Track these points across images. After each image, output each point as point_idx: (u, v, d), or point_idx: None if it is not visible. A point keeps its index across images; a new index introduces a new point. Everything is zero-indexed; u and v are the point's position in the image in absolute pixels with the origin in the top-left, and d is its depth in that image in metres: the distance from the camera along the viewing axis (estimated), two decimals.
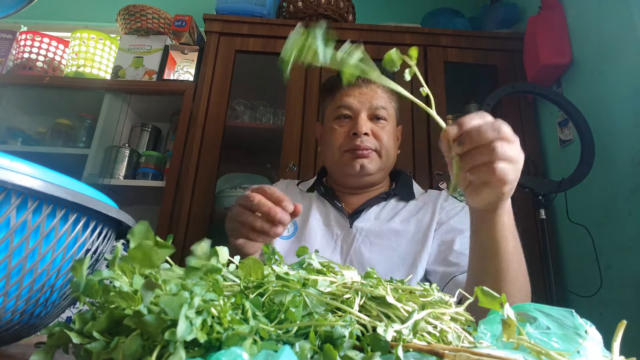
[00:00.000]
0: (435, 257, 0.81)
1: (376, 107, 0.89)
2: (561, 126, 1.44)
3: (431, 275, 0.80)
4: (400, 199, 0.92)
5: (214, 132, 1.56)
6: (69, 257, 0.38)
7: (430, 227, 0.85)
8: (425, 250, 0.82)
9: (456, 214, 0.87)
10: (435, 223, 0.85)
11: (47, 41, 1.89)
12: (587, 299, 1.17)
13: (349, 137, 0.87)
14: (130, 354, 0.22)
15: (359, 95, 0.90)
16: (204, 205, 1.47)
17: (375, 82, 0.91)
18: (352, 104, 0.89)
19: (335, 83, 0.94)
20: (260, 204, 0.57)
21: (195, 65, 1.78)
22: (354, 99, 0.89)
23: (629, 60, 1.18)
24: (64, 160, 1.67)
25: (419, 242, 0.83)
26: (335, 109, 0.91)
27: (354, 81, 0.90)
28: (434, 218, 0.86)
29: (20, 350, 0.41)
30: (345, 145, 0.88)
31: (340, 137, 0.89)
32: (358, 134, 0.85)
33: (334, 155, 0.90)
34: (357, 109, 0.89)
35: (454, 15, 1.89)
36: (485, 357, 0.23)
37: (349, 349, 0.25)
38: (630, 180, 1.13)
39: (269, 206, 0.57)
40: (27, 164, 0.34)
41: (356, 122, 0.87)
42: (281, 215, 0.57)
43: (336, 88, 0.93)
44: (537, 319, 0.30)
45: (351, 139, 0.87)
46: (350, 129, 0.87)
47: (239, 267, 0.33)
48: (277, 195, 0.58)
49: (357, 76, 0.92)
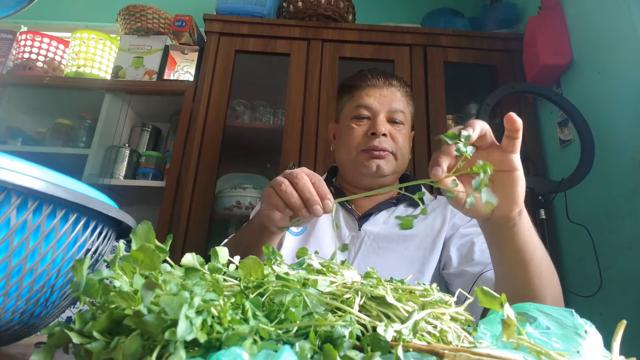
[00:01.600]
0: (459, 259, 0.80)
1: (395, 110, 0.89)
2: (561, 126, 1.44)
3: (460, 277, 0.78)
4: (409, 204, 0.92)
5: (214, 132, 1.56)
6: (69, 257, 0.38)
7: (441, 233, 0.84)
8: (433, 256, 0.82)
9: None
10: (447, 229, 0.85)
11: (47, 41, 1.89)
12: (587, 299, 1.17)
13: (366, 137, 0.87)
14: (130, 354, 0.22)
15: (379, 96, 0.90)
16: (204, 205, 1.47)
17: (395, 85, 0.92)
18: (372, 104, 0.89)
19: (355, 82, 0.94)
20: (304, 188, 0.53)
21: (195, 66, 1.78)
22: (374, 99, 0.89)
23: (629, 60, 1.18)
24: (64, 160, 1.67)
25: (427, 247, 0.83)
26: (354, 108, 0.91)
27: (376, 82, 0.90)
28: (445, 224, 0.85)
29: (20, 350, 0.41)
30: (363, 144, 0.87)
31: (358, 136, 0.89)
32: (377, 134, 0.85)
33: (350, 153, 0.89)
34: (377, 110, 0.89)
35: (454, 15, 1.89)
36: (485, 357, 0.23)
37: (349, 349, 0.25)
38: (630, 180, 1.13)
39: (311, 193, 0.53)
40: (28, 164, 0.34)
41: (375, 122, 0.87)
42: (317, 209, 0.53)
43: (356, 87, 0.93)
44: (537, 319, 0.30)
45: (369, 138, 0.86)
46: (369, 129, 0.87)
47: (239, 267, 0.33)
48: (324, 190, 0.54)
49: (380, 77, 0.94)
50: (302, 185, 0.54)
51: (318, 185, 0.54)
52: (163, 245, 0.31)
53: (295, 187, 0.54)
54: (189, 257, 0.31)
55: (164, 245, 0.31)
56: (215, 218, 1.52)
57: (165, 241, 0.32)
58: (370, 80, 0.92)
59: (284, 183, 0.55)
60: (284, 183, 0.55)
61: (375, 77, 0.92)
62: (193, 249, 1.39)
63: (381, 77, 0.92)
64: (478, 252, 0.77)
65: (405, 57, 1.65)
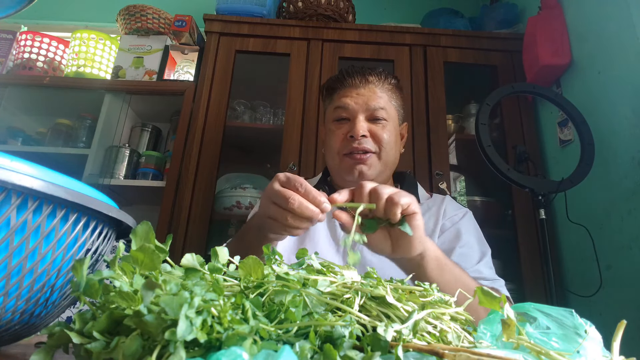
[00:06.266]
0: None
1: (374, 108, 0.86)
2: (561, 126, 1.44)
3: None
4: None
5: (214, 132, 1.56)
6: (69, 257, 0.38)
7: (434, 233, 0.84)
8: None
9: (459, 219, 0.87)
10: (439, 229, 0.85)
11: (47, 41, 1.89)
12: (587, 299, 1.17)
13: (346, 140, 0.85)
14: (130, 354, 0.22)
15: (357, 96, 0.87)
16: (204, 205, 1.47)
17: (373, 81, 0.88)
18: (348, 105, 0.87)
19: (333, 84, 0.92)
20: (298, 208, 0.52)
21: (195, 66, 1.78)
22: (351, 100, 0.87)
23: (629, 60, 1.18)
24: (64, 160, 1.67)
25: None
26: (334, 110, 0.90)
27: (352, 81, 0.88)
28: (438, 224, 0.85)
29: (20, 350, 0.41)
30: (343, 148, 0.86)
31: (338, 139, 0.87)
32: (355, 136, 0.83)
33: (334, 159, 0.89)
34: (355, 110, 0.86)
35: (454, 15, 1.89)
36: (485, 357, 0.23)
37: (349, 349, 0.25)
38: (630, 180, 1.13)
39: (307, 210, 0.52)
40: (28, 164, 0.34)
41: (353, 124, 0.85)
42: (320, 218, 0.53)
43: (334, 89, 0.91)
44: (537, 319, 0.30)
45: (349, 141, 0.85)
46: (348, 131, 0.85)
47: (239, 267, 0.33)
48: (313, 196, 0.53)
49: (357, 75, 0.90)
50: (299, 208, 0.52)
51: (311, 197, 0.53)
52: (163, 245, 0.31)
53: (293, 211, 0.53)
54: (189, 257, 0.31)
55: (164, 245, 0.31)
56: (215, 218, 1.52)
57: (165, 241, 0.32)
58: (346, 80, 0.89)
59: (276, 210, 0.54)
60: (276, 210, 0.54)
61: (351, 76, 0.89)
62: (193, 249, 1.39)
63: (357, 76, 0.89)
64: (456, 256, 0.78)
65: (405, 57, 1.65)
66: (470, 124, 1.68)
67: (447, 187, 1.44)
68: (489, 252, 0.84)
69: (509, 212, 1.54)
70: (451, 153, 1.64)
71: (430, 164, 1.50)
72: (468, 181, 1.79)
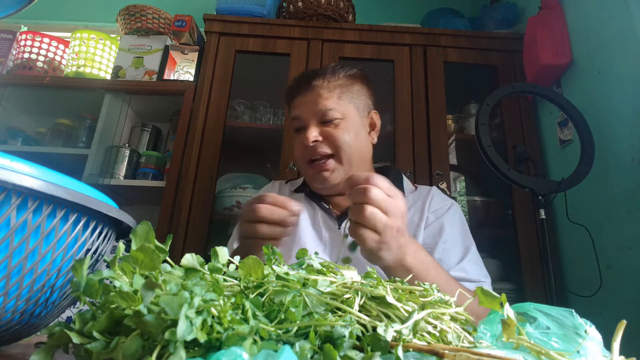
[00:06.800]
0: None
1: (321, 111, 0.85)
2: (561, 126, 1.44)
3: None
4: None
5: (214, 132, 1.56)
6: (69, 257, 0.38)
7: (419, 227, 0.83)
8: None
9: (443, 213, 0.86)
10: (424, 223, 0.84)
11: (47, 41, 1.89)
12: (587, 299, 1.17)
13: (305, 148, 0.86)
14: (130, 354, 0.22)
15: (304, 104, 0.87)
16: (204, 205, 1.47)
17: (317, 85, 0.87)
18: (299, 114, 0.87)
19: (287, 94, 0.92)
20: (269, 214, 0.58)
21: (195, 66, 1.78)
22: (300, 109, 0.87)
23: (629, 60, 1.18)
24: (64, 160, 1.67)
25: None
26: (291, 121, 0.91)
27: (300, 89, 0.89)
28: (423, 218, 0.85)
29: (20, 350, 0.41)
30: (304, 157, 0.86)
31: (298, 149, 0.88)
32: (306, 145, 0.84)
33: (301, 168, 0.90)
34: (305, 119, 0.86)
35: (454, 15, 1.89)
36: (485, 357, 0.23)
37: (349, 349, 0.25)
38: (630, 180, 1.13)
39: (277, 213, 0.58)
40: (27, 164, 0.34)
41: (304, 133, 0.85)
42: (292, 220, 0.59)
43: (289, 99, 0.92)
44: (537, 319, 0.30)
45: (306, 148, 0.85)
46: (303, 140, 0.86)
47: (239, 267, 0.33)
48: (281, 200, 0.59)
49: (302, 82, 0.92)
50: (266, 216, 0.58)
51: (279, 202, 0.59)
52: (163, 245, 0.31)
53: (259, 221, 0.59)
54: (189, 257, 0.31)
55: (164, 245, 0.31)
56: (215, 218, 1.52)
57: (165, 241, 0.32)
58: (295, 88, 0.90)
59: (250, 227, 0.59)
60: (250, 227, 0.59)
61: (299, 83, 0.90)
62: (193, 249, 1.39)
63: (303, 82, 0.89)
64: (439, 252, 0.79)
65: (405, 57, 1.65)
66: (470, 124, 1.68)
67: (447, 187, 1.44)
68: (474, 246, 0.83)
69: (509, 212, 1.54)
70: (451, 153, 1.64)
71: (430, 164, 1.50)
72: (468, 181, 1.79)
